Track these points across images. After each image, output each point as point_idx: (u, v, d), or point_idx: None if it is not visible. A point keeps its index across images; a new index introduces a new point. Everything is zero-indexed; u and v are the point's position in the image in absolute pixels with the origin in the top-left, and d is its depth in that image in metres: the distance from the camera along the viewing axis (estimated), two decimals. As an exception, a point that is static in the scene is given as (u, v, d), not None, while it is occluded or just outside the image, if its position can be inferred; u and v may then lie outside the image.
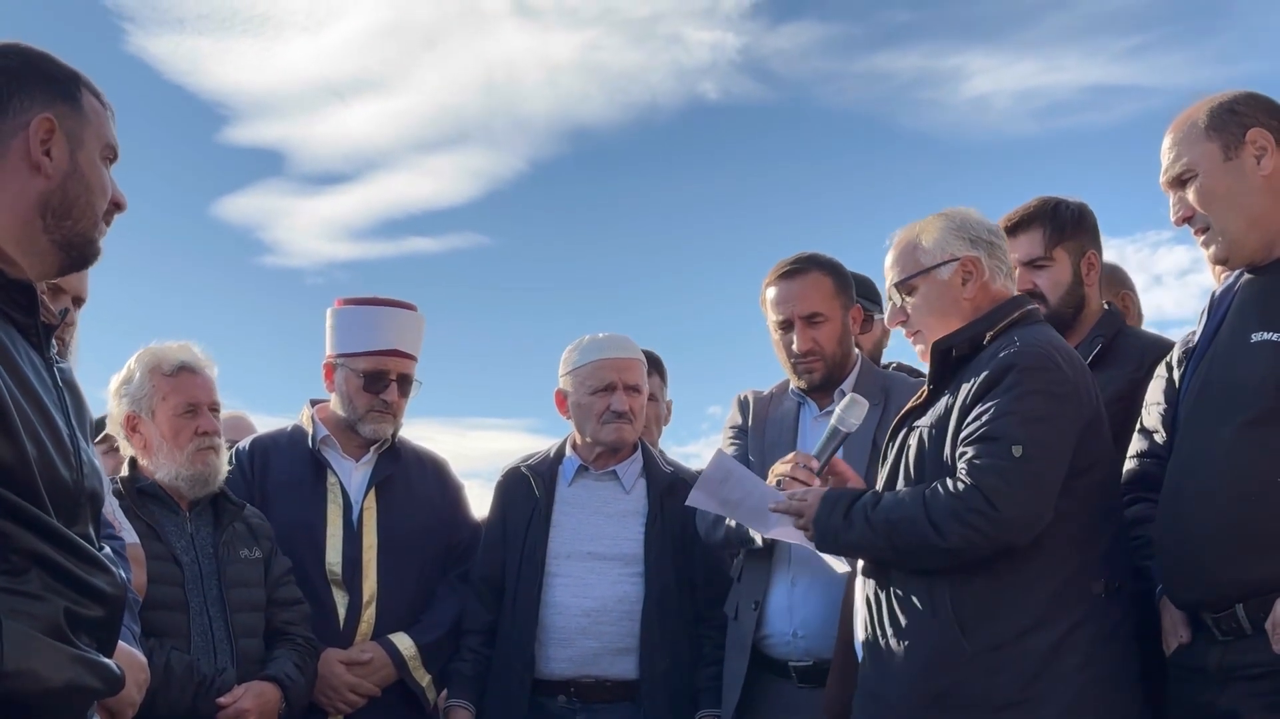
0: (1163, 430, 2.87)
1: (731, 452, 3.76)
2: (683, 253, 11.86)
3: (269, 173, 11.88)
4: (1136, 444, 2.97)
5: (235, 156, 11.23)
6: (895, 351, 4.29)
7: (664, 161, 11.48)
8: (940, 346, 2.91)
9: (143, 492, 3.42)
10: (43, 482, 1.73)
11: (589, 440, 3.92)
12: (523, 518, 3.88)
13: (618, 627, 3.75)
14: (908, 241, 3.03)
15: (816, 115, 10.96)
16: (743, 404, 3.87)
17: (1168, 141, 2.75)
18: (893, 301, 3.05)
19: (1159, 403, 2.90)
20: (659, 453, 4.13)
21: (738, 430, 3.83)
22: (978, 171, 10.63)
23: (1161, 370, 2.93)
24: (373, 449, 3.96)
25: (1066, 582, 2.74)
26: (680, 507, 3.79)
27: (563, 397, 3.98)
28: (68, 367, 1.97)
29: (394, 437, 3.99)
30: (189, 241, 11.47)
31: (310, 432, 3.96)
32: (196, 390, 3.47)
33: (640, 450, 3.99)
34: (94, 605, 1.79)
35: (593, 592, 3.77)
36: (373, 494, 3.90)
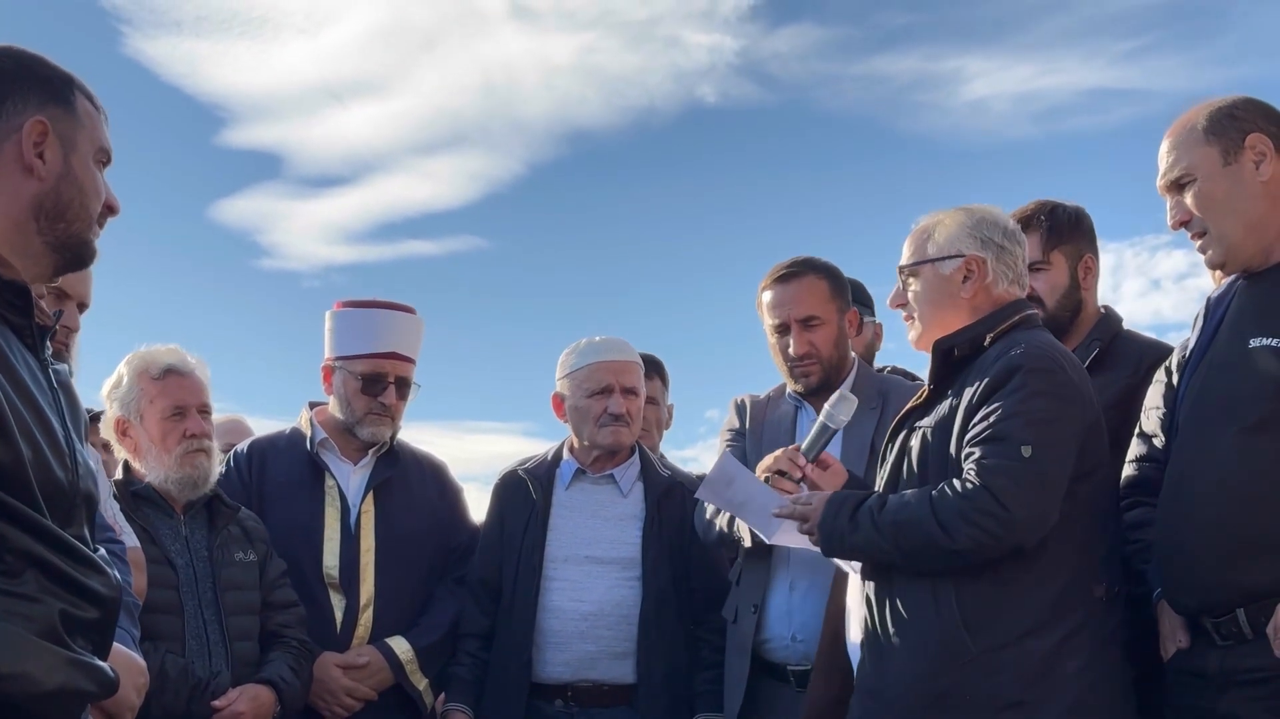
0: (1162, 435, 2.87)
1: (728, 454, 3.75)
2: (680, 256, 11.88)
3: (266, 175, 11.90)
4: (1136, 448, 2.97)
5: (233, 159, 11.25)
6: (889, 355, 4.29)
7: (662, 164, 11.50)
8: (942, 346, 2.91)
9: (137, 495, 3.41)
10: (38, 483, 1.72)
11: (586, 443, 3.91)
12: (520, 521, 3.88)
13: (615, 630, 3.75)
14: (924, 228, 3.05)
15: (815, 118, 10.98)
16: (739, 408, 3.87)
17: (1166, 145, 2.76)
18: (898, 284, 3.07)
19: (1158, 407, 2.90)
20: (657, 456, 4.13)
21: (735, 434, 3.82)
22: (976, 175, 10.66)
23: (1161, 375, 2.93)
24: (371, 452, 3.96)
25: (1068, 585, 2.75)
26: (678, 510, 3.79)
27: (560, 400, 3.97)
28: (63, 368, 1.97)
29: (392, 439, 3.99)
30: (186, 244, 11.49)
31: (308, 434, 3.96)
32: (184, 393, 3.46)
33: (638, 454, 3.98)
34: (89, 607, 1.78)
35: (590, 595, 3.77)
36: (371, 497, 3.90)
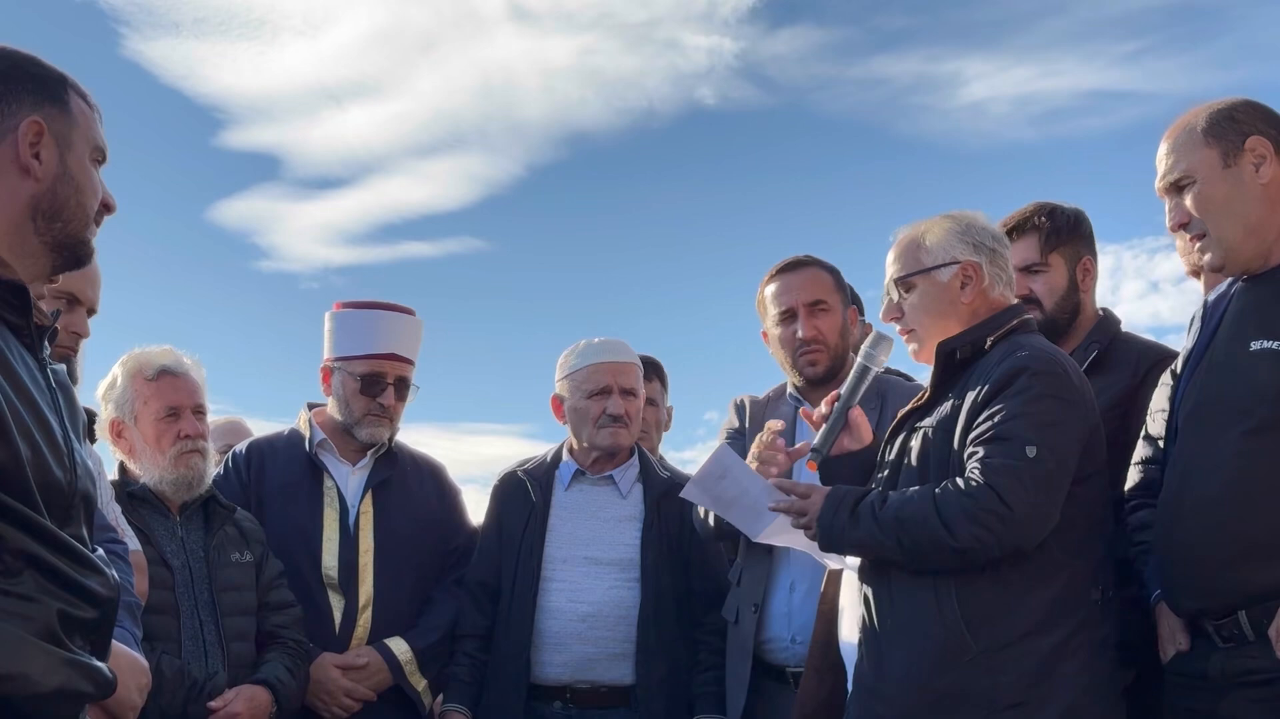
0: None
1: None
2: (680, 258, 11.88)
3: (265, 177, 11.89)
4: (1141, 450, 2.97)
5: (231, 160, 11.25)
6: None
7: (661, 166, 11.49)
8: (945, 349, 2.91)
9: (133, 495, 3.41)
10: (36, 483, 1.72)
11: (585, 445, 3.91)
12: (519, 522, 3.88)
13: (614, 632, 3.74)
14: (911, 239, 3.03)
15: (814, 121, 10.98)
16: (739, 408, 3.87)
17: (1165, 147, 2.75)
18: (889, 297, 3.05)
19: (1164, 410, 2.90)
20: (656, 458, 4.13)
21: (734, 434, 3.82)
22: (975, 177, 10.65)
23: (1166, 378, 2.93)
24: (369, 453, 3.96)
25: (1067, 587, 2.76)
26: (677, 512, 3.79)
27: (559, 401, 3.97)
28: (61, 368, 1.97)
29: (391, 441, 3.99)
30: (185, 246, 11.48)
31: (307, 435, 3.96)
32: (178, 394, 3.46)
33: (637, 455, 3.98)
34: (88, 607, 1.78)
35: (589, 597, 3.77)
36: (369, 498, 3.90)
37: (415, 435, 4.23)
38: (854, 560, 2.97)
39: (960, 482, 2.72)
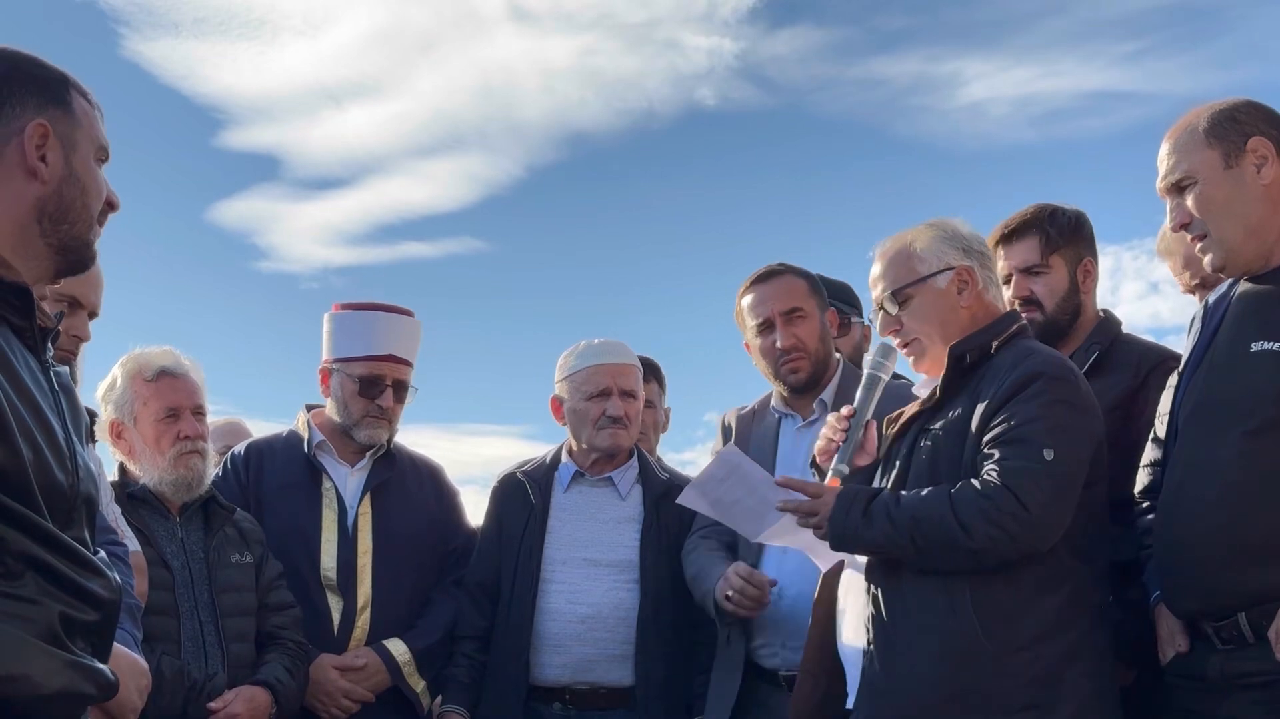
0: None
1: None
2: (679, 258, 11.87)
3: (265, 177, 11.89)
4: (1150, 453, 2.96)
5: (231, 161, 11.24)
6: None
7: (661, 167, 11.49)
8: (955, 352, 2.91)
9: (132, 496, 3.41)
10: (38, 485, 1.72)
11: (585, 446, 3.91)
12: (519, 524, 3.88)
13: (613, 633, 3.74)
14: (899, 251, 3.02)
15: (813, 121, 10.98)
16: (726, 429, 3.91)
17: (1166, 147, 2.75)
18: (885, 312, 3.04)
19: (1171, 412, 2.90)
20: (655, 459, 4.13)
21: None
22: (974, 177, 10.66)
23: (1173, 380, 2.93)
24: (368, 454, 3.95)
25: (1076, 590, 2.77)
26: (676, 513, 3.79)
27: (558, 402, 3.97)
28: (64, 370, 1.96)
29: (389, 442, 3.98)
30: (184, 246, 11.47)
31: (306, 436, 3.95)
32: (178, 395, 3.46)
33: (636, 457, 3.98)
34: (89, 609, 1.78)
35: (588, 598, 3.77)
36: (368, 499, 3.89)
37: (415, 436, 4.24)
38: (861, 560, 2.96)
39: (977, 483, 2.72)
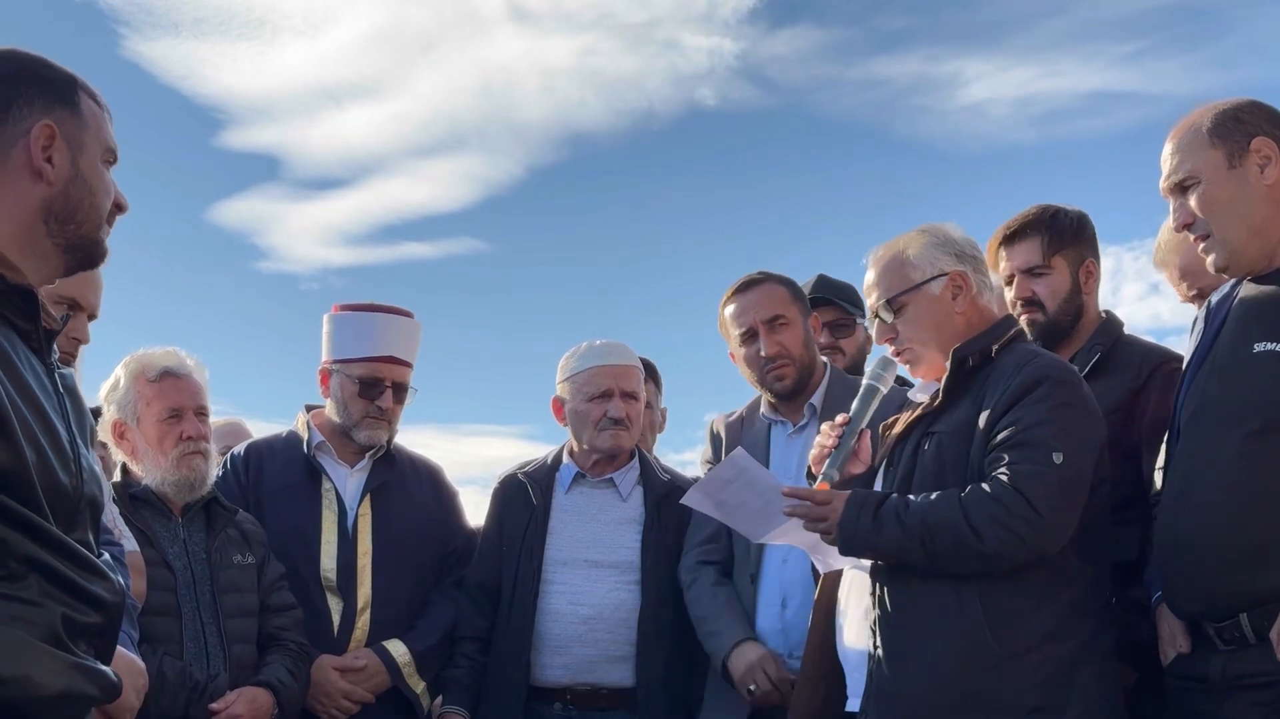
0: None
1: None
2: (679, 259, 11.86)
3: (265, 177, 11.88)
4: (1165, 454, 2.95)
5: (231, 161, 11.23)
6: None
7: (661, 167, 11.47)
8: (958, 355, 2.91)
9: (134, 497, 3.41)
10: (42, 487, 1.72)
11: (586, 447, 3.91)
12: (520, 525, 3.88)
13: (614, 634, 3.74)
14: (892, 258, 3.02)
15: (813, 122, 10.97)
16: (715, 437, 3.92)
17: (1170, 147, 2.74)
18: (880, 320, 3.04)
19: None
20: (655, 460, 4.13)
21: (712, 467, 3.84)
22: (974, 178, 10.66)
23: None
24: (368, 456, 3.95)
25: (1082, 592, 2.78)
26: (677, 514, 3.79)
27: (560, 403, 3.97)
28: (69, 372, 1.96)
29: (389, 443, 3.98)
30: (184, 246, 11.45)
31: (305, 437, 3.95)
32: (180, 395, 3.45)
33: (637, 458, 3.98)
34: (92, 612, 1.78)
35: (589, 599, 3.76)
36: (368, 501, 3.89)
37: (415, 436, 4.23)
38: (866, 561, 2.96)
39: (987, 486, 2.72)
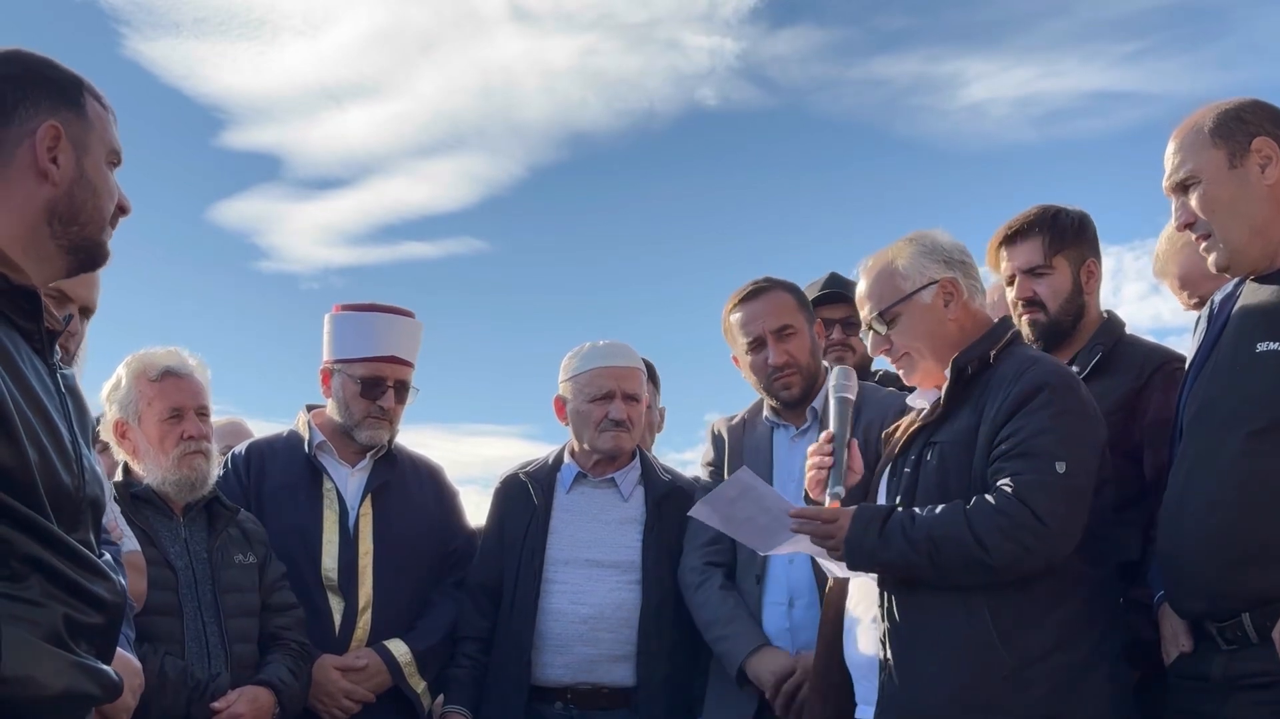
0: None
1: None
2: (680, 258, 11.87)
3: (266, 177, 11.88)
4: (1168, 455, 2.95)
5: (232, 161, 11.24)
6: (880, 359, 4.27)
7: (661, 167, 11.48)
8: (958, 364, 2.90)
9: (136, 497, 3.41)
10: (44, 487, 1.72)
11: (587, 448, 3.91)
12: (521, 524, 3.88)
13: (615, 634, 3.74)
14: (882, 270, 3.03)
15: (814, 121, 10.97)
16: (716, 439, 3.91)
17: (1172, 146, 2.74)
18: (874, 331, 3.04)
19: None
20: (656, 460, 4.13)
21: (713, 470, 3.88)
22: (975, 178, 10.66)
23: None
24: (369, 455, 3.95)
25: (1090, 596, 2.78)
26: (678, 514, 3.79)
27: (561, 403, 3.97)
28: (71, 373, 1.96)
29: (390, 443, 3.98)
30: (185, 246, 11.46)
31: (306, 437, 3.95)
32: (182, 395, 3.45)
33: (638, 458, 3.98)
34: (93, 612, 1.78)
35: (590, 598, 3.76)
36: (369, 500, 3.89)
37: (416, 436, 4.23)
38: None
39: (991, 498, 2.72)
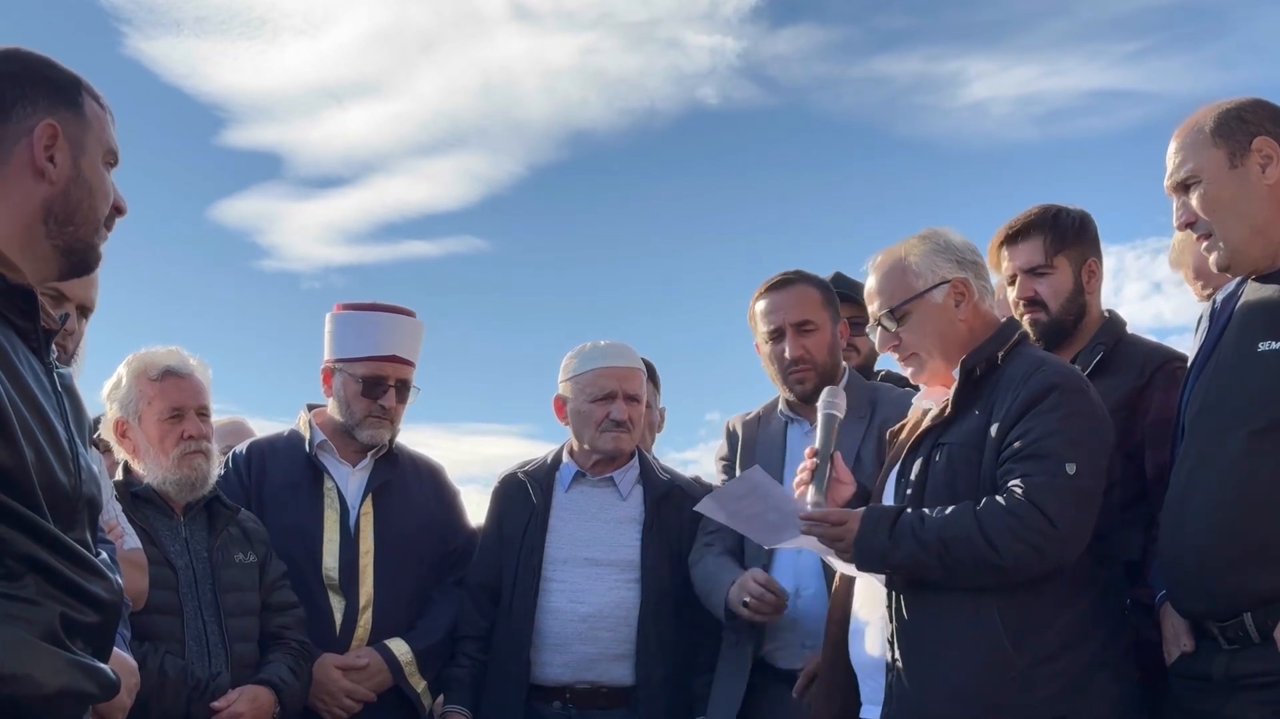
0: None
1: (722, 482, 3.77)
2: (681, 258, 11.87)
3: (266, 176, 11.89)
4: (1170, 454, 2.95)
5: (232, 160, 11.24)
6: (884, 359, 4.27)
7: (662, 166, 11.48)
8: (966, 365, 2.90)
9: (136, 496, 3.41)
10: (40, 487, 1.72)
11: (587, 448, 3.91)
12: (520, 523, 3.88)
13: (614, 632, 3.74)
14: (893, 266, 3.01)
15: (815, 121, 10.97)
16: (730, 435, 3.91)
17: (1173, 146, 2.74)
18: (883, 328, 3.03)
19: None
20: (655, 460, 4.13)
21: (726, 464, 3.87)
22: (976, 177, 10.66)
23: None
24: (370, 455, 3.95)
25: (1098, 597, 2.78)
26: (677, 513, 3.80)
27: (562, 403, 3.97)
28: (67, 372, 1.96)
29: (391, 442, 3.98)
30: (186, 245, 11.47)
31: (307, 436, 3.95)
32: (182, 395, 3.45)
33: (637, 457, 3.98)
34: (90, 611, 1.78)
35: (589, 597, 3.77)
36: (369, 500, 3.89)
37: (416, 435, 4.23)
38: None
39: (1002, 499, 2.71)
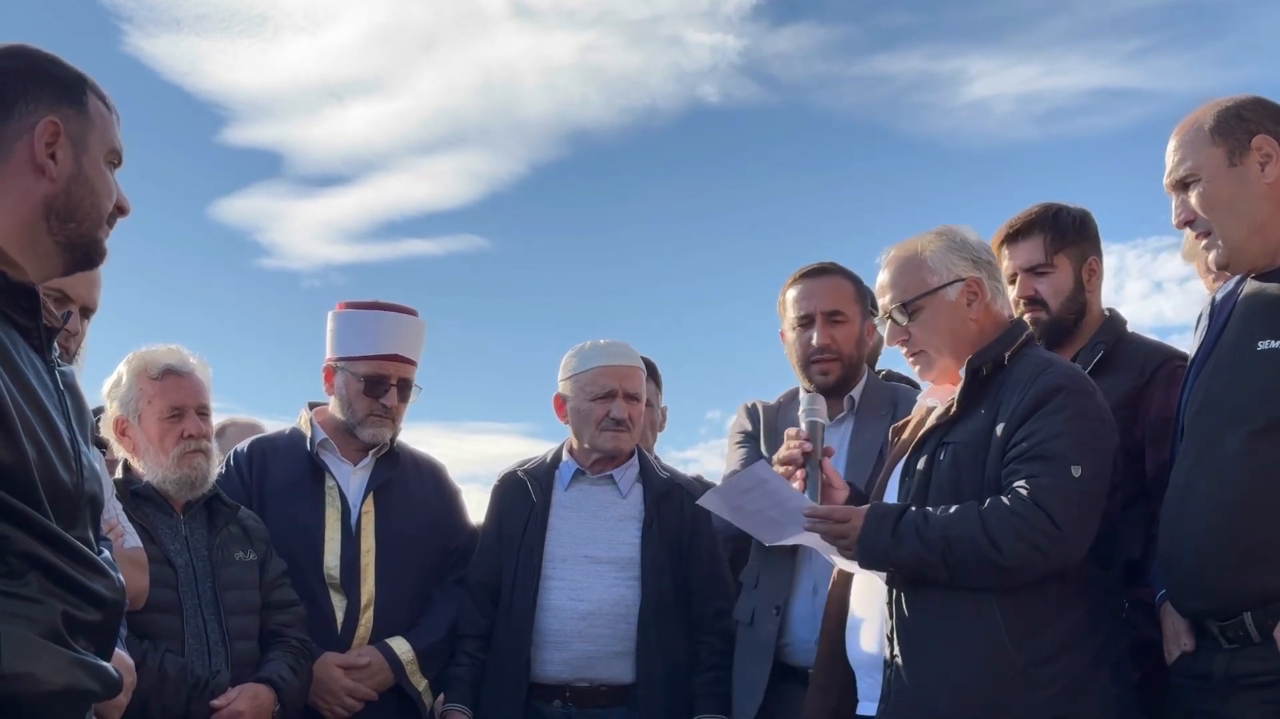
0: None
1: (740, 456, 3.76)
2: (682, 256, 11.86)
3: (267, 174, 11.89)
4: (1170, 453, 2.95)
5: (233, 158, 11.23)
6: (885, 359, 4.29)
7: (663, 165, 11.48)
8: (973, 365, 2.90)
9: (136, 494, 3.41)
10: (42, 485, 1.72)
11: (586, 446, 3.91)
12: (519, 522, 3.88)
13: (614, 630, 3.74)
14: (909, 260, 3.01)
15: (816, 119, 10.97)
16: (751, 412, 3.89)
17: (1173, 144, 2.74)
18: (893, 321, 3.02)
19: None
20: (655, 458, 4.13)
21: (746, 436, 3.85)
22: (977, 175, 10.66)
23: None
24: (371, 453, 3.95)
25: (1098, 597, 2.79)
26: (676, 511, 3.80)
27: (562, 401, 3.97)
28: (69, 370, 1.96)
29: (392, 441, 3.98)
30: (186, 243, 11.47)
31: (309, 435, 3.95)
32: (182, 394, 3.45)
33: (637, 456, 3.98)
34: (92, 610, 1.78)
35: (589, 595, 3.77)
36: (371, 498, 3.89)
37: (417, 434, 4.23)
38: None
39: (1007, 500, 2.71)
